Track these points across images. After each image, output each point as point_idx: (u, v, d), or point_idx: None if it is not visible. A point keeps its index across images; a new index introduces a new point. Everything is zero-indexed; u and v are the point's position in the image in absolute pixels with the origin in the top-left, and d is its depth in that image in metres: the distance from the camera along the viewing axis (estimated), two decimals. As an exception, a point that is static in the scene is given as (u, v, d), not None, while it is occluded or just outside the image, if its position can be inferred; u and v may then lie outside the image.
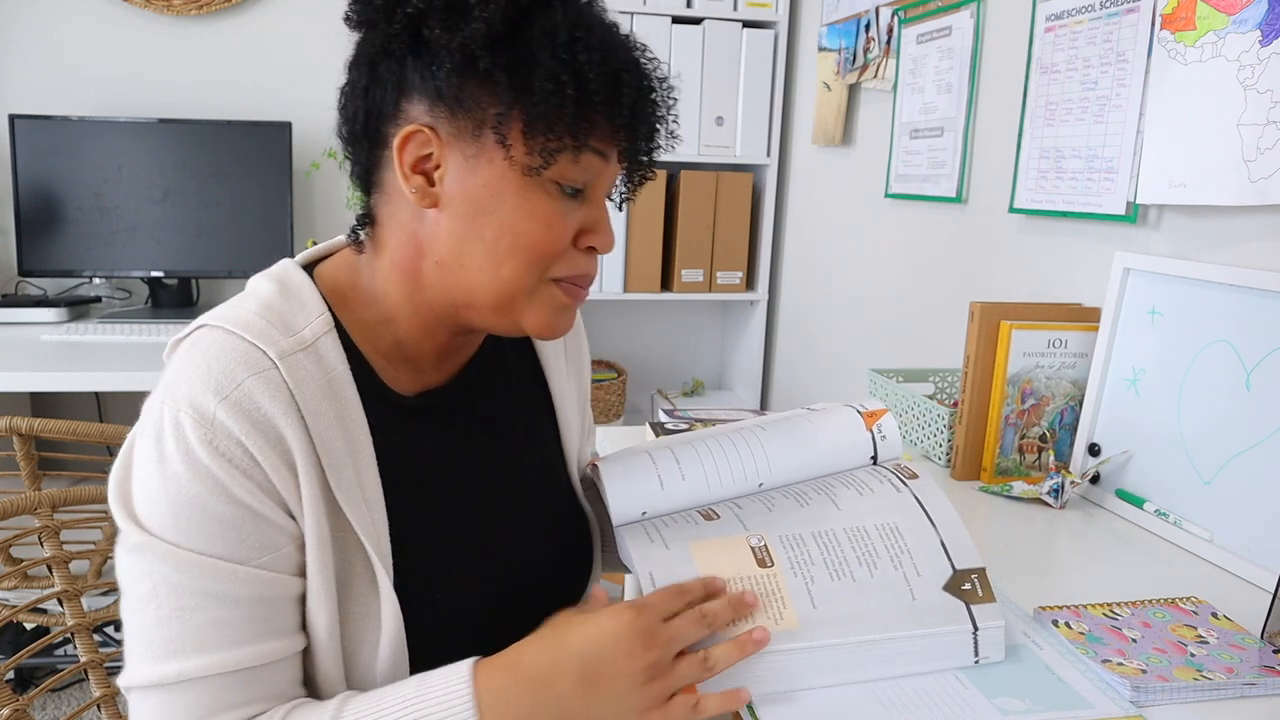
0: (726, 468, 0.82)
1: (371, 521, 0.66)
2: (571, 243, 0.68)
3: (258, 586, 0.61)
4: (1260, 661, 0.75)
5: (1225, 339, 1.02)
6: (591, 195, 0.68)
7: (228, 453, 0.60)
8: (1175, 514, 1.06)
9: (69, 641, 1.87)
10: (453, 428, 0.77)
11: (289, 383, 0.63)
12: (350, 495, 0.65)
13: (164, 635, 0.60)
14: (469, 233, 0.65)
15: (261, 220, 2.17)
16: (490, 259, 0.65)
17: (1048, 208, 1.36)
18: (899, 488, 0.80)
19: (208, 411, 0.60)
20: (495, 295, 0.67)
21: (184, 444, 0.60)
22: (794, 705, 0.66)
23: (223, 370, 0.61)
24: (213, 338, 0.63)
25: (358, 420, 0.67)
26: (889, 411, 0.86)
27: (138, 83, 2.24)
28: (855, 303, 2.05)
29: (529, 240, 0.65)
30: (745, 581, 0.71)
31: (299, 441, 0.62)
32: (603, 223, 0.69)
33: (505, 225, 0.65)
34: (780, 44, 2.31)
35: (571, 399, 0.88)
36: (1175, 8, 1.12)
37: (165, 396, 0.62)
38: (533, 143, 0.63)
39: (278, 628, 0.63)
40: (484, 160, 0.64)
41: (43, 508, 1.04)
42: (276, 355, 0.63)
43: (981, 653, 0.70)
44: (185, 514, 0.60)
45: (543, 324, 0.69)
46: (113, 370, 1.69)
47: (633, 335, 2.72)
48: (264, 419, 0.61)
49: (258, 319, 0.65)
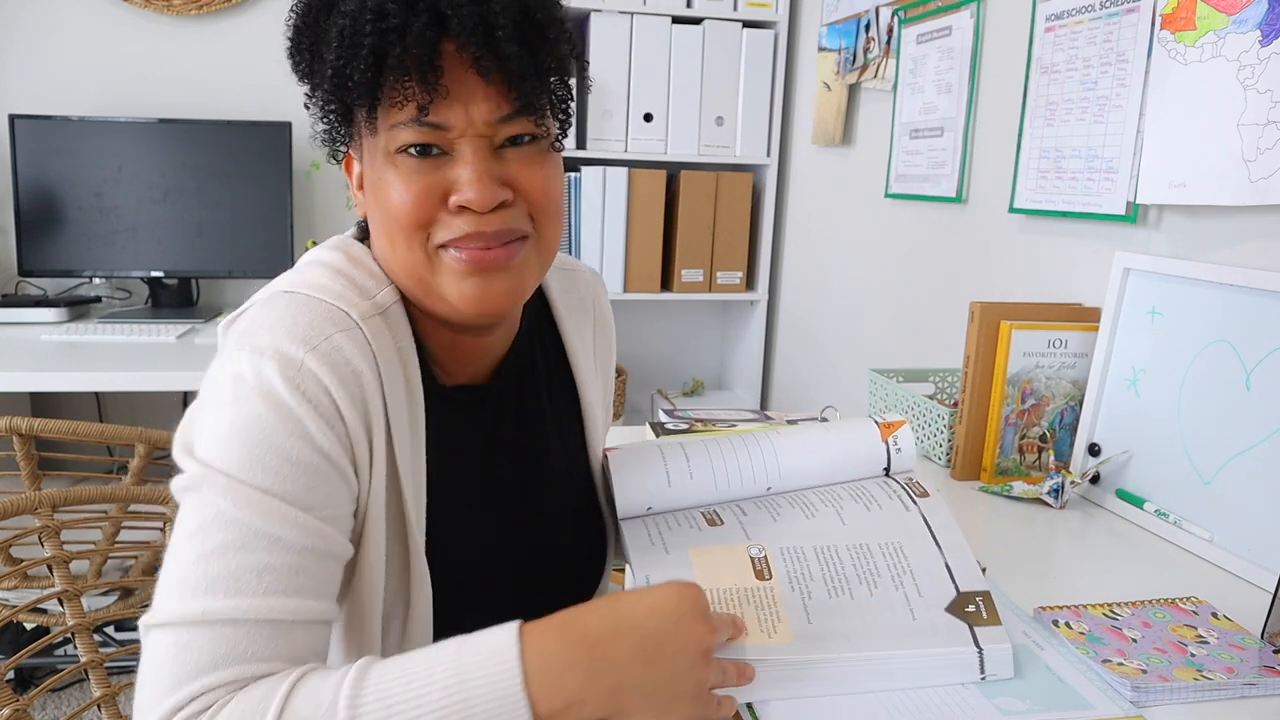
0: (736, 470, 0.82)
1: (415, 499, 0.67)
2: (444, 206, 0.65)
3: (314, 538, 0.58)
4: (1260, 661, 0.75)
5: (1225, 339, 1.02)
6: (455, 153, 0.64)
7: (314, 398, 0.59)
8: (1175, 514, 1.06)
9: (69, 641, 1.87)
10: (484, 421, 0.77)
11: (372, 344, 0.64)
12: (406, 466, 0.66)
13: (200, 571, 0.56)
14: (375, 223, 0.68)
15: (261, 220, 2.17)
16: (387, 244, 0.67)
17: (1048, 208, 1.36)
18: (908, 506, 0.79)
19: (296, 358, 0.59)
20: (408, 278, 0.67)
21: (267, 385, 0.58)
22: (793, 706, 0.66)
23: (309, 323, 0.61)
24: (292, 300, 0.63)
25: (419, 394, 0.68)
26: (907, 424, 0.85)
27: (138, 83, 2.24)
28: (855, 303, 2.05)
29: (393, 214, 0.65)
30: (741, 592, 0.70)
31: (377, 405, 0.63)
32: (463, 179, 0.63)
33: (382, 205, 0.66)
34: (780, 44, 2.31)
35: (598, 397, 0.88)
36: (1175, 8, 1.12)
37: (244, 347, 0.60)
38: (360, 116, 0.63)
39: (318, 587, 0.59)
40: (365, 156, 0.67)
41: (43, 508, 1.04)
42: (359, 316, 0.64)
43: (988, 670, 0.69)
44: (258, 450, 0.57)
45: (457, 297, 0.66)
46: (113, 370, 1.69)
47: (633, 335, 2.72)
48: (352, 374, 0.61)
49: (332, 283, 0.66)
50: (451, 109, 0.62)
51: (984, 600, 0.71)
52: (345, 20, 0.60)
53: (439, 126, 0.62)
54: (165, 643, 0.55)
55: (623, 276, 2.37)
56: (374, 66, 0.60)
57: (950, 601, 0.71)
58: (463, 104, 0.62)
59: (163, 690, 0.54)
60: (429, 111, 0.61)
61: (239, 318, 0.65)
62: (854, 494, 0.81)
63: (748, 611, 0.69)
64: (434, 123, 0.62)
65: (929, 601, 0.71)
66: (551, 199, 0.68)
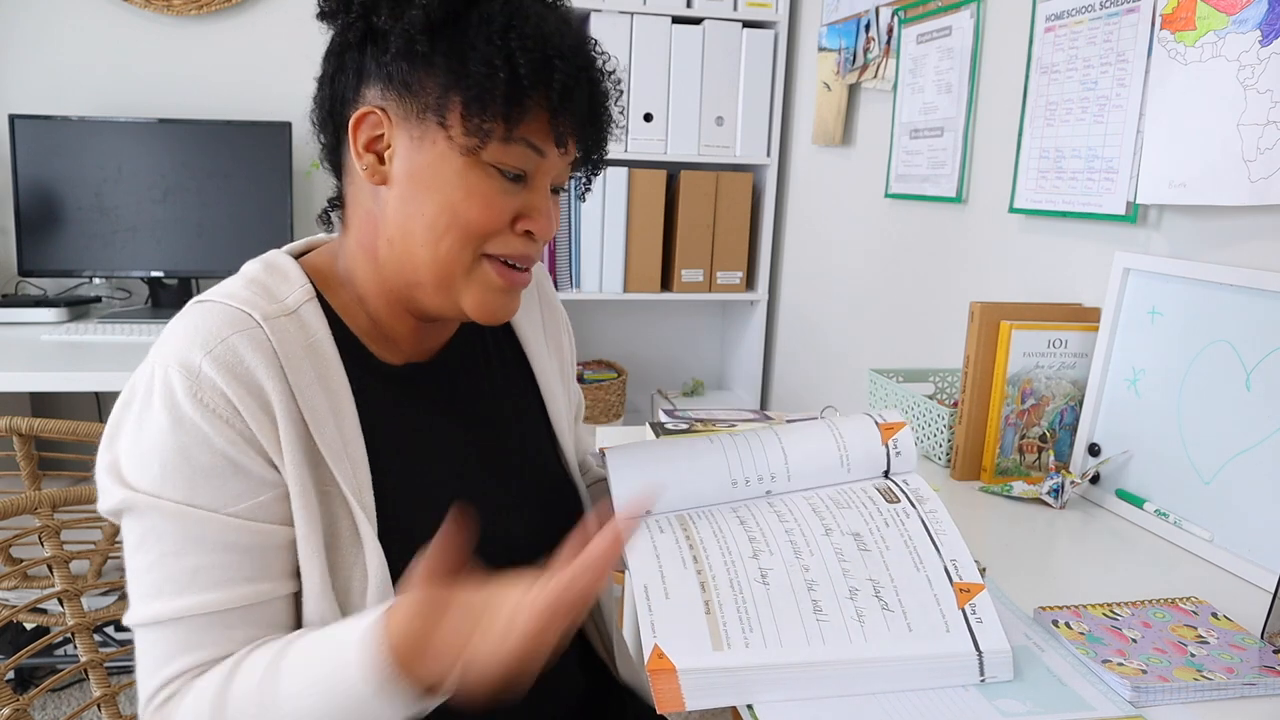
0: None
1: (354, 475, 0.69)
2: (510, 226, 0.71)
3: (234, 534, 0.65)
4: (1260, 661, 0.75)
5: (1225, 339, 1.02)
6: (534, 183, 0.71)
7: (210, 403, 0.64)
8: (1175, 514, 1.06)
9: (69, 641, 1.87)
10: (437, 396, 0.80)
11: (272, 341, 0.67)
12: (333, 449, 0.68)
13: (148, 580, 0.65)
14: (413, 210, 0.69)
15: (261, 220, 2.17)
16: (430, 234, 0.69)
17: (1048, 208, 1.36)
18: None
19: (194, 365, 0.64)
20: (435, 272, 0.70)
21: (169, 397, 0.64)
22: (793, 708, 0.66)
23: (209, 330, 0.66)
24: (201, 308, 0.68)
25: (339, 380, 0.71)
26: (907, 425, 0.85)
27: (138, 83, 2.24)
28: (855, 303, 2.05)
29: (466, 217, 0.68)
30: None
31: (280, 395, 0.66)
32: (540, 209, 0.71)
33: (445, 203, 0.68)
34: (780, 44, 2.31)
35: (554, 376, 0.90)
36: (1175, 8, 1.12)
37: (155, 358, 0.66)
38: (470, 124, 0.66)
39: (254, 573, 0.66)
40: (428, 142, 0.68)
41: (43, 507, 1.04)
42: (261, 317, 0.67)
43: (988, 672, 0.69)
44: (170, 465, 0.64)
45: (479, 304, 0.72)
46: (113, 370, 1.69)
47: (633, 335, 2.72)
48: (246, 371, 0.65)
49: (243, 290, 0.70)
50: (554, 152, 0.70)
51: (983, 602, 0.71)
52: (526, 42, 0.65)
53: (543, 156, 0.70)
54: (140, 643, 0.66)
55: (623, 276, 2.37)
56: (560, 98, 0.67)
57: (949, 603, 0.71)
58: (563, 151, 0.71)
59: (142, 684, 0.65)
60: (543, 152, 0.69)
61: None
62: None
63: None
64: (542, 153, 0.69)
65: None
66: None
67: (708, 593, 0.71)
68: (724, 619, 0.69)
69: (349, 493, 0.68)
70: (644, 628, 0.68)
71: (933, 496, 0.80)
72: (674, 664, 0.65)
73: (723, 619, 0.69)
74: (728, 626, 0.68)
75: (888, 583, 0.72)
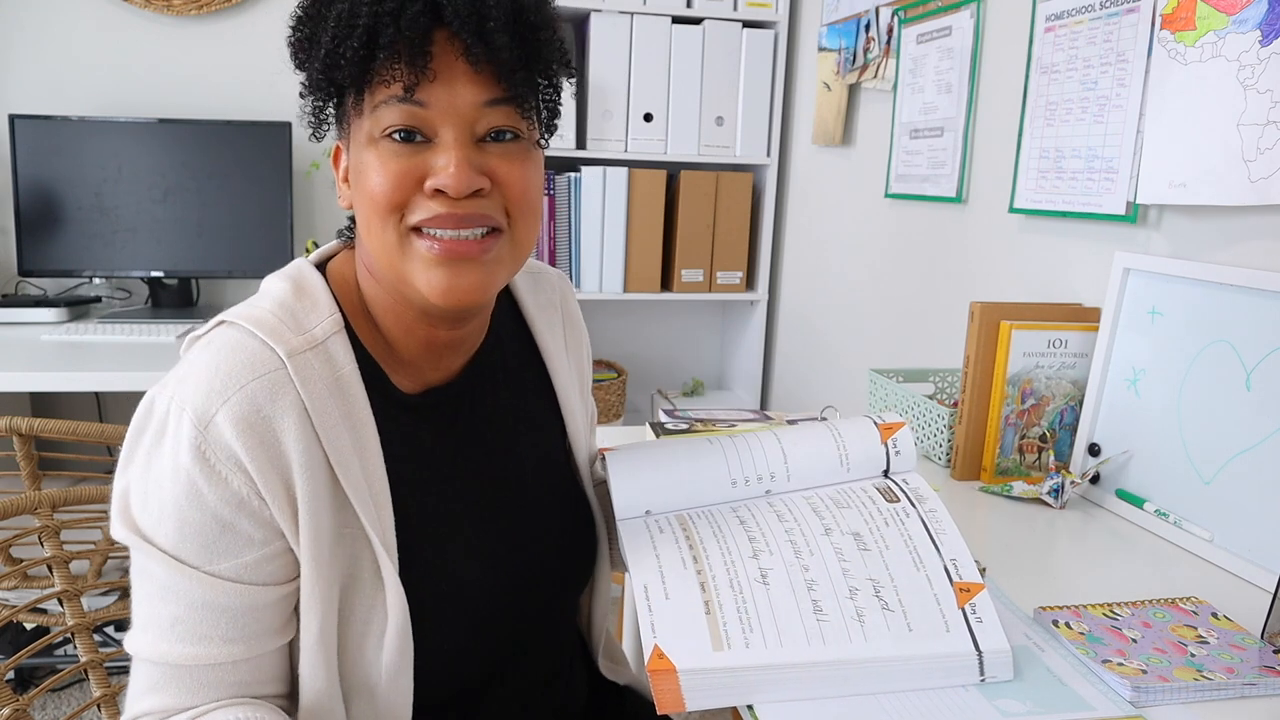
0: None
1: (377, 515, 0.68)
2: (420, 189, 0.66)
3: (212, 593, 0.64)
4: (1260, 661, 0.75)
5: (1225, 339, 1.02)
6: (437, 139, 0.65)
7: (213, 460, 0.62)
8: (1175, 514, 1.06)
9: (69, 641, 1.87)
10: (456, 424, 0.78)
11: (295, 382, 0.65)
12: (357, 490, 0.67)
13: (141, 612, 0.66)
14: (357, 214, 0.70)
15: (261, 220, 2.17)
16: (365, 227, 0.69)
17: (1048, 208, 1.36)
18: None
19: (207, 416, 0.62)
20: (382, 263, 0.69)
21: (176, 443, 0.63)
22: (793, 708, 0.66)
23: (230, 374, 0.64)
24: (227, 336, 0.67)
25: (364, 418, 0.69)
26: (907, 425, 0.85)
27: (138, 83, 2.24)
28: (855, 303, 2.05)
29: (371, 195, 0.66)
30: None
31: (301, 444, 0.64)
32: (441, 164, 0.64)
33: (361, 192, 0.68)
34: (780, 44, 2.31)
35: (574, 390, 0.89)
36: (1175, 8, 1.12)
37: (174, 392, 0.64)
38: (347, 111, 0.66)
39: (230, 633, 0.65)
40: (352, 145, 0.68)
41: (43, 508, 1.04)
42: (286, 353, 0.66)
43: (988, 672, 0.69)
44: (164, 513, 0.64)
45: (426, 285, 0.67)
46: (113, 370, 1.69)
47: (633, 335, 2.72)
48: (264, 423, 0.63)
49: (271, 317, 0.68)
50: (436, 90, 0.63)
51: (983, 601, 0.71)
52: (344, 3, 0.63)
53: (422, 104, 0.63)
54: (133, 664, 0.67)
55: (623, 276, 2.37)
56: (366, 46, 0.62)
57: (949, 603, 0.71)
58: (448, 86, 0.63)
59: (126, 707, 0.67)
60: (414, 92, 0.63)
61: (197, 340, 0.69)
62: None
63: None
64: (418, 100, 0.63)
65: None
66: (529, 194, 0.69)
67: (708, 593, 0.71)
68: (724, 619, 0.69)
69: (372, 533, 0.67)
70: (644, 628, 0.68)
71: (932, 496, 0.80)
72: (674, 664, 0.66)
73: (723, 619, 0.69)
74: (728, 627, 0.68)
75: (888, 582, 0.72)
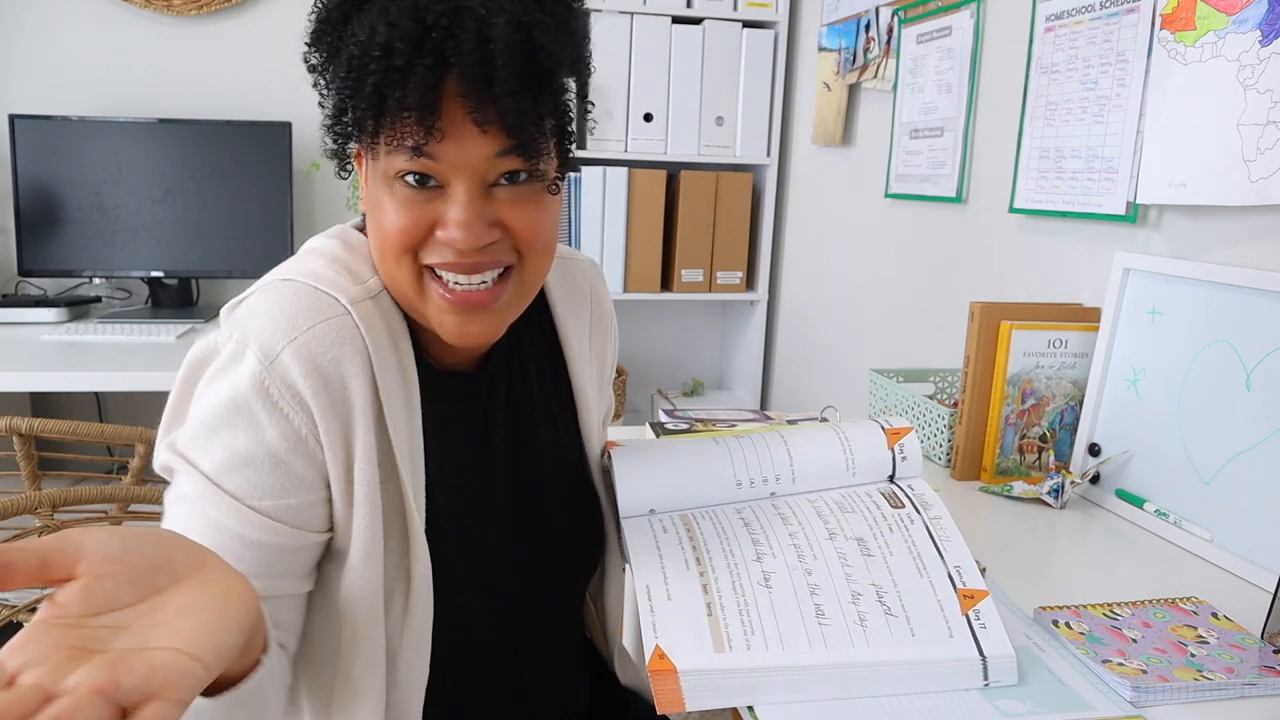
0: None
1: (414, 473, 0.70)
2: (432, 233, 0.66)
3: (248, 527, 0.64)
4: (1260, 661, 0.75)
5: (1225, 339, 1.02)
6: (449, 188, 0.64)
7: (275, 397, 0.63)
8: (1175, 514, 1.06)
9: (69, 641, 1.87)
10: (478, 404, 0.79)
11: (360, 327, 0.66)
12: (401, 445, 0.69)
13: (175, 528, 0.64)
14: (370, 235, 0.70)
15: (261, 220, 2.17)
16: (378, 256, 0.69)
17: (1048, 208, 1.36)
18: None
19: (273, 350, 0.63)
20: (398, 294, 0.70)
21: (237, 376, 0.63)
22: (795, 710, 0.66)
23: (295, 314, 0.65)
24: (284, 288, 0.67)
25: (412, 374, 0.71)
26: (913, 431, 0.85)
27: (138, 83, 2.24)
28: (855, 303, 2.05)
29: (387, 231, 0.66)
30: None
31: (363, 388, 0.66)
32: (451, 215, 0.64)
33: (376, 222, 0.68)
34: (780, 44, 2.30)
35: (592, 383, 0.88)
36: (1175, 8, 1.12)
37: (235, 331, 0.65)
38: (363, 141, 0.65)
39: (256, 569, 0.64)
40: (369, 168, 0.68)
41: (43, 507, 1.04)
42: (349, 301, 0.67)
43: (992, 677, 0.69)
44: (216, 439, 0.64)
45: (439, 325, 0.68)
46: (113, 370, 1.69)
47: (633, 335, 2.72)
48: (331, 364, 0.65)
49: (327, 270, 0.69)
50: (446, 147, 0.62)
51: (987, 608, 0.71)
52: (354, 49, 0.61)
53: (432, 158, 0.63)
54: None
55: (623, 276, 2.37)
56: (376, 105, 0.61)
57: (953, 609, 0.71)
58: (458, 142, 0.62)
59: None
60: (423, 150, 0.62)
61: (241, 303, 0.69)
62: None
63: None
64: (430, 154, 0.62)
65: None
66: (540, 237, 0.68)
67: (710, 594, 0.71)
68: (726, 621, 0.69)
69: (408, 487, 0.69)
70: (645, 628, 0.68)
71: (937, 502, 0.80)
72: (675, 665, 0.66)
73: (725, 621, 0.69)
74: (730, 628, 0.68)
75: (891, 588, 0.72)
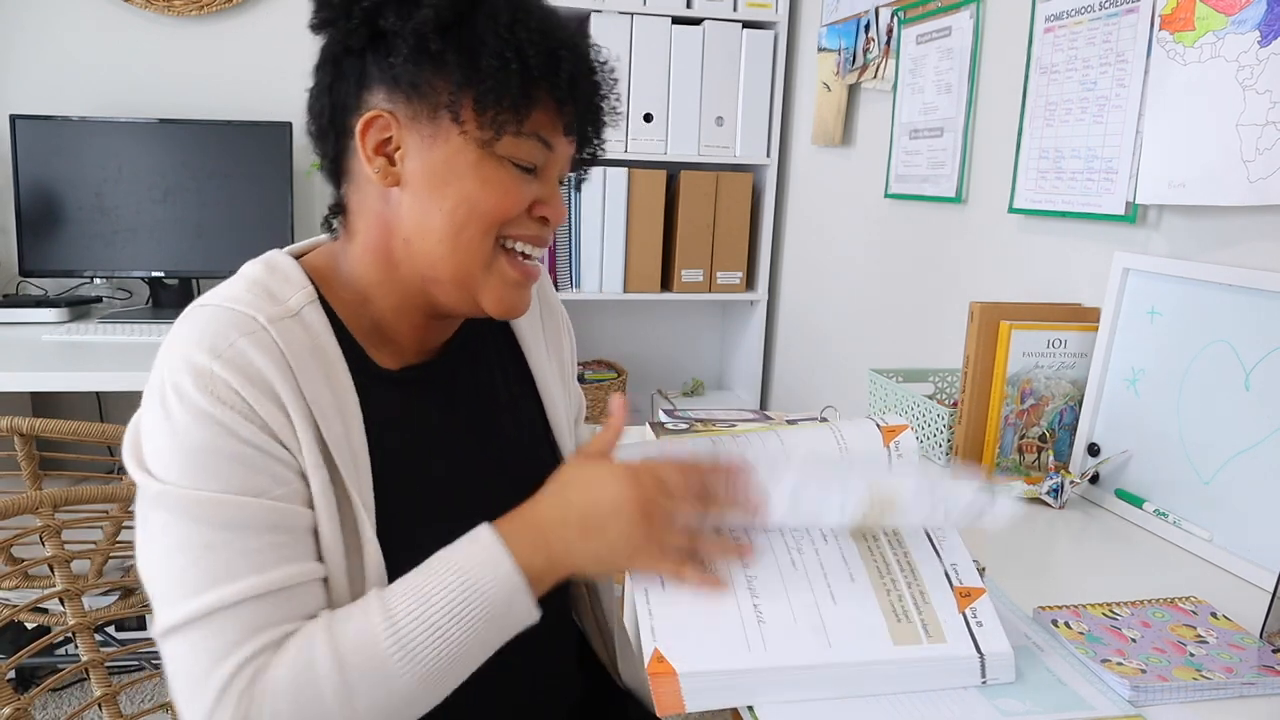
0: None
1: (357, 473, 0.70)
2: (526, 213, 0.74)
3: (274, 516, 0.65)
4: (1259, 661, 0.75)
5: (1225, 339, 1.02)
6: (544, 176, 0.74)
7: (227, 399, 0.64)
8: (1175, 514, 1.06)
9: (70, 641, 1.88)
10: (434, 400, 0.80)
11: (279, 343, 0.67)
12: (339, 446, 0.69)
13: (196, 573, 0.62)
14: (430, 206, 0.71)
15: (261, 220, 2.17)
16: (450, 227, 0.71)
17: (1047, 208, 1.37)
18: None
19: (205, 367, 0.64)
20: (454, 267, 0.72)
21: (186, 398, 0.64)
22: (794, 709, 0.66)
23: (215, 333, 0.66)
24: (204, 313, 0.68)
25: (345, 383, 0.71)
26: (910, 429, 0.85)
27: (138, 83, 2.24)
28: (855, 303, 2.05)
29: (485, 206, 0.70)
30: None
31: (291, 396, 0.67)
32: (555, 197, 0.75)
33: (463, 195, 0.70)
34: (780, 44, 2.31)
35: (554, 377, 0.90)
36: (1174, 8, 1.12)
37: (163, 364, 0.66)
38: (484, 118, 0.68)
39: (299, 553, 0.66)
40: (441, 139, 0.70)
41: (44, 507, 1.04)
42: (265, 320, 0.68)
43: (989, 675, 0.69)
44: (197, 460, 0.63)
45: (497, 300, 0.74)
46: (113, 370, 1.69)
47: (633, 335, 2.72)
48: (257, 373, 0.65)
49: (245, 293, 0.70)
50: (560, 144, 0.73)
51: (984, 605, 0.71)
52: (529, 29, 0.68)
53: (552, 150, 0.73)
54: (187, 642, 0.62)
55: (623, 276, 2.37)
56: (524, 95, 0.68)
57: (950, 606, 0.71)
58: (566, 143, 0.74)
59: (201, 679, 0.61)
60: (551, 143, 0.72)
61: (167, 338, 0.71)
62: None
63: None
64: (553, 147, 0.72)
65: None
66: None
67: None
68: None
69: (353, 490, 0.69)
70: (644, 631, 0.68)
71: None
72: (674, 667, 0.66)
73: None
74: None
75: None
